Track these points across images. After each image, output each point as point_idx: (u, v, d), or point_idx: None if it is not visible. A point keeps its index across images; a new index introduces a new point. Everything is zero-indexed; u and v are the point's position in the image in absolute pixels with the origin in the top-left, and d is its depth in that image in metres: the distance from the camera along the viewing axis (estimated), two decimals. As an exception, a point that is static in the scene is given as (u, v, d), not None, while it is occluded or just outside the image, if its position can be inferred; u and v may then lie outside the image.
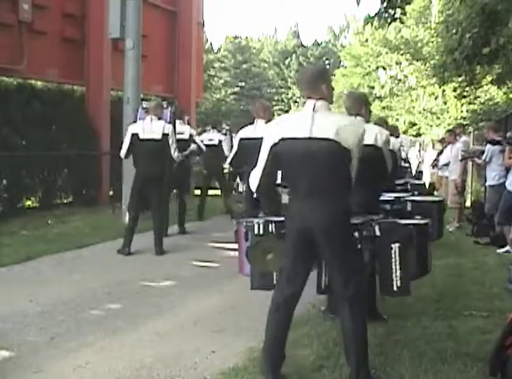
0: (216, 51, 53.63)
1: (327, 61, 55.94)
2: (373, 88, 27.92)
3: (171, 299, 5.25)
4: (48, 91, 11.68)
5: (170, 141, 7.12)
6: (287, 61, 56.18)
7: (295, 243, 3.35)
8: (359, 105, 4.38)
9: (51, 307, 4.91)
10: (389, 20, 8.96)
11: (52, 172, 11.37)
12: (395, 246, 3.61)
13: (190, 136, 9.01)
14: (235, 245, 6.92)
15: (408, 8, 11.81)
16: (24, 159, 10.39)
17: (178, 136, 8.27)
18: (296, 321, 4.52)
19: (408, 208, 5.09)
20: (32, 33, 10.74)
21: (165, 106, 8.37)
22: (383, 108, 28.52)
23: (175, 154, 7.27)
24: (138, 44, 9.85)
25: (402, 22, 10.35)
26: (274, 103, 56.43)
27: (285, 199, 3.55)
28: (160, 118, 7.22)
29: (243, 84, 54.30)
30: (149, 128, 7.02)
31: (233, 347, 4.02)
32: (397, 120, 25.57)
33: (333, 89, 3.55)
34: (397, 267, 3.61)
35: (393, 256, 3.61)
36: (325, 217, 3.21)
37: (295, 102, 53.63)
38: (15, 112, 10.34)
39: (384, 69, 24.85)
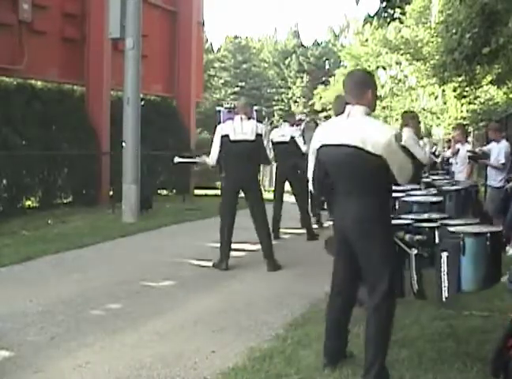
0: (216, 51, 53.66)
1: (327, 62, 55.95)
2: (373, 87, 27.90)
3: (171, 299, 5.24)
4: (48, 91, 11.68)
5: (264, 142, 6.55)
6: (287, 61, 56.18)
7: (338, 240, 3.56)
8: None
9: (51, 307, 4.91)
10: (388, 20, 8.97)
11: (52, 172, 11.37)
12: (444, 255, 3.44)
13: (292, 138, 8.31)
14: (235, 245, 6.95)
15: (408, 8, 11.82)
16: (24, 159, 10.40)
17: (280, 139, 8.15)
18: (296, 321, 4.55)
19: None
20: (32, 33, 10.75)
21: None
22: (383, 108, 28.55)
23: (270, 155, 6.70)
24: (138, 44, 9.86)
25: (401, 22, 10.36)
26: (274, 102, 56.46)
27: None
28: (249, 118, 6.64)
29: (243, 84, 54.29)
30: (240, 129, 6.40)
31: (233, 347, 4.02)
32: (396, 120, 25.58)
33: (377, 97, 3.63)
34: (445, 277, 3.43)
35: (442, 264, 3.43)
36: (351, 217, 3.35)
37: (295, 102, 53.64)
38: (15, 112, 10.34)
39: (384, 69, 24.87)
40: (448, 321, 4.42)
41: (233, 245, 7.69)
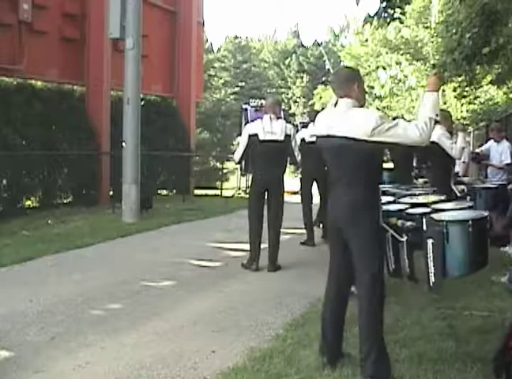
0: (216, 51, 53.71)
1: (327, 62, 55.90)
2: (373, 88, 27.91)
3: (171, 299, 5.24)
4: (48, 91, 11.68)
5: (292, 143, 6.48)
6: (287, 61, 56.23)
7: (330, 232, 3.70)
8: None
9: (51, 307, 4.91)
10: (388, 20, 8.98)
11: (52, 172, 11.37)
12: (429, 242, 3.52)
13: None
14: (235, 246, 6.97)
15: (408, 8, 11.83)
16: (24, 159, 10.39)
17: (313, 139, 8.10)
18: (296, 321, 4.55)
19: None
20: (32, 33, 10.75)
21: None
22: (383, 108, 28.51)
23: (298, 157, 6.63)
24: (138, 44, 9.86)
25: (401, 22, 10.38)
26: (274, 103, 56.38)
27: None
28: (279, 118, 6.51)
29: (243, 84, 54.35)
30: (269, 128, 6.30)
31: (233, 347, 4.02)
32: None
33: (366, 92, 3.73)
34: (431, 263, 3.52)
35: (428, 251, 3.52)
36: (343, 207, 3.45)
37: (295, 102, 53.67)
38: (15, 112, 10.34)
39: (384, 69, 24.84)
40: (448, 321, 4.42)
41: (233, 246, 7.73)
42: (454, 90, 16.66)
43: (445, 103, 21.18)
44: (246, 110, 8.27)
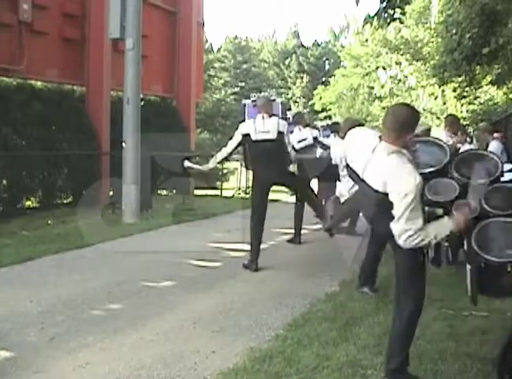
0: (216, 51, 53.72)
1: (327, 62, 55.99)
2: (373, 88, 27.92)
3: (171, 299, 5.24)
4: (48, 91, 11.66)
5: (286, 140, 6.39)
6: (287, 62, 56.26)
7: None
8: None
9: (51, 307, 4.91)
10: (388, 21, 8.98)
11: (52, 172, 11.35)
12: (468, 267, 3.63)
13: (315, 139, 8.28)
14: (235, 246, 6.95)
15: (408, 8, 11.85)
16: (24, 159, 10.38)
17: (303, 144, 8.10)
18: (296, 321, 4.55)
19: None
20: (32, 33, 10.73)
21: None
22: (383, 108, 28.52)
23: (291, 153, 6.60)
24: (138, 44, 9.85)
25: (402, 22, 10.38)
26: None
27: None
28: (272, 115, 6.43)
29: (243, 84, 54.39)
30: (262, 127, 6.26)
31: (233, 347, 4.02)
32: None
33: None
34: (469, 284, 3.64)
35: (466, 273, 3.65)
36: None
37: (295, 102, 53.70)
38: (15, 112, 10.33)
39: (384, 69, 24.85)
40: (448, 321, 4.42)
41: (233, 246, 7.72)
42: (454, 90, 16.67)
43: (444, 104, 21.20)
44: (245, 105, 8.14)
